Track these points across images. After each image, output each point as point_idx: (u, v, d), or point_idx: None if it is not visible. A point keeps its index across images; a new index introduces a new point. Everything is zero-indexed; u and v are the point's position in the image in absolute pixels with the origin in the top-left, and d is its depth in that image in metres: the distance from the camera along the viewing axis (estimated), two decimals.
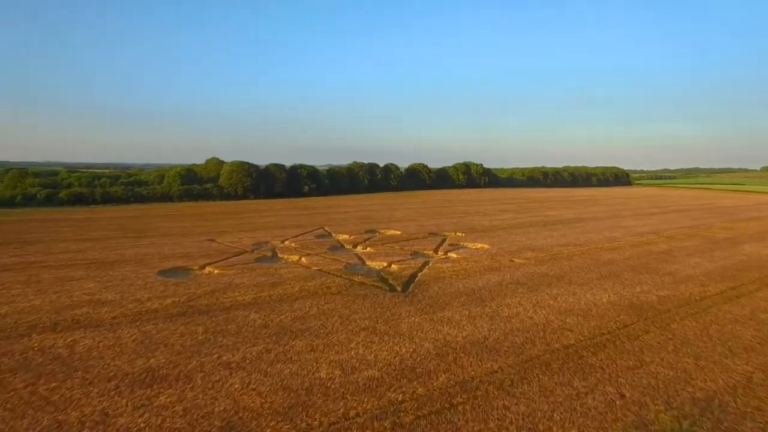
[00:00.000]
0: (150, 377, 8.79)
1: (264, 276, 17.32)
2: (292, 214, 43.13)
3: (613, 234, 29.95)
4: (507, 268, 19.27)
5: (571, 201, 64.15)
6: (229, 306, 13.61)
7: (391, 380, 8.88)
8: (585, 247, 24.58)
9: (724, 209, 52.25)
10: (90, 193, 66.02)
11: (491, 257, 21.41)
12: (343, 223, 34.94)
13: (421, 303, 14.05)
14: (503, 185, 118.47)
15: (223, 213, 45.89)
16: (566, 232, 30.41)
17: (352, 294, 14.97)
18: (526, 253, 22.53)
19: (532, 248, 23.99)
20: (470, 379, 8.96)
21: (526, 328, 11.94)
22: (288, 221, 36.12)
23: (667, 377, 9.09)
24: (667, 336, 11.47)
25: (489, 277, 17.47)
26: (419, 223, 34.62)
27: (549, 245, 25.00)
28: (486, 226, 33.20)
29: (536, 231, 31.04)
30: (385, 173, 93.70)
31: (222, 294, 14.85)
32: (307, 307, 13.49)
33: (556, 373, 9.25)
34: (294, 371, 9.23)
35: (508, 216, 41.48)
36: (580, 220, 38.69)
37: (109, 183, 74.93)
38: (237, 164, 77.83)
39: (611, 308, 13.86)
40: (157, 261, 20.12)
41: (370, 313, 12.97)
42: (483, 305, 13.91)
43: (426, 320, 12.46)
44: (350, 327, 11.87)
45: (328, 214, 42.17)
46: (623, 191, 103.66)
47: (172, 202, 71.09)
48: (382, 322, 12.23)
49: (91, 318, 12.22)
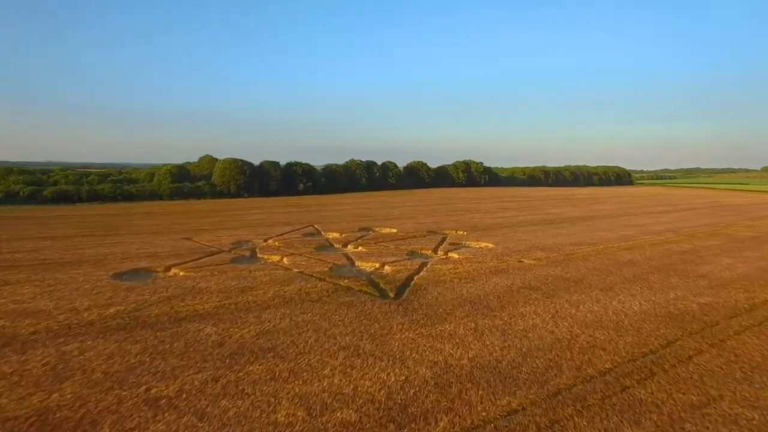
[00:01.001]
0: (37, 426, 6.36)
1: (235, 279, 14.90)
2: (282, 211, 40.71)
3: (627, 232, 27.56)
4: (516, 269, 16.86)
5: (575, 199, 61.81)
6: (183, 317, 11.18)
7: (373, 426, 6.47)
8: (599, 246, 22.18)
9: (736, 207, 49.89)
10: (75, 191, 63.50)
11: (497, 258, 19.00)
12: (336, 220, 32.52)
13: (416, 313, 11.64)
14: (504, 184, 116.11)
15: (211, 210, 43.44)
16: (576, 231, 28.02)
17: (334, 301, 12.55)
18: (535, 253, 20.13)
19: (542, 247, 21.59)
20: (481, 425, 6.56)
21: (547, 346, 9.53)
22: (276, 219, 33.69)
23: (753, 422, 6.69)
24: (727, 357, 9.07)
25: (496, 281, 15.06)
26: (417, 221, 32.22)
27: (560, 244, 22.60)
28: (488, 224, 30.80)
29: (543, 229, 28.65)
30: (383, 171, 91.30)
31: (179, 301, 12.42)
32: (277, 319, 11.07)
33: (596, 415, 6.85)
34: (242, 411, 6.82)
35: (511, 214, 39.10)
36: (588, 218, 36.30)
37: (97, 181, 72.34)
38: (230, 161, 75.36)
39: (646, 319, 11.47)
40: (118, 262, 17.68)
41: (354, 327, 10.55)
42: (492, 316, 11.50)
43: (422, 335, 10.05)
44: (327, 345, 9.46)
45: (320, 212, 39.75)
46: (626, 190, 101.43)
47: (162, 200, 68.60)
48: (367, 339, 9.81)
49: (1, 334, 9.78)
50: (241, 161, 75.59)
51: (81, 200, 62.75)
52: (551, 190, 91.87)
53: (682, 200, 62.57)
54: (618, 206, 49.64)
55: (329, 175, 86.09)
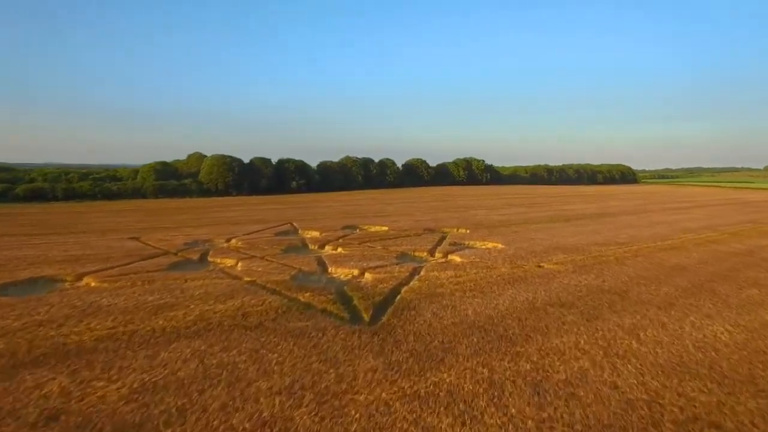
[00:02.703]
0: None
1: (157, 293, 10.91)
2: (264, 208, 36.74)
3: (658, 230, 23.55)
4: (536, 278, 12.86)
5: (585, 195, 57.74)
6: (35, 357, 7.21)
7: None
8: (632, 247, 18.18)
9: (757, 204, 45.77)
10: (51, 189, 59.62)
11: (510, 261, 15.01)
12: (320, 218, 28.53)
13: (398, 350, 7.65)
14: (506, 182, 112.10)
15: (188, 208, 39.52)
16: (597, 228, 24.01)
17: (280, 329, 8.57)
18: (556, 255, 16.16)
19: (563, 248, 17.60)
20: None
21: (616, 419, 5.54)
22: (253, 216, 29.71)
23: None
24: None
25: (513, 294, 11.06)
26: (414, 218, 28.22)
27: (583, 244, 18.60)
28: (495, 221, 26.79)
29: (559, 227, 24.64)
30: (380, 169, 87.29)
31: (56, 328, 8.45)
32: (180, 360, 7.10)
33: None
34: None
35: (519, 210, 35.07)
36: (606, 214, 32.25)
37: (78, 179, 68.37)
38: (218, 158, 71.43)
39: (750, 358, 7.49)
40: (21, 268, 13.72)
41: (297, 376, 6.58)
42: (513, 354, 7.52)
43: (403, 396, 6.07)
44: (238, 418, 5.48)
45: (307, 209, 35.77)
46: (636, 188, 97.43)
47: (145, 198, 64.65)
48: (311, 404, 5.83)
49: None
50: (230, 158, 71.66)
51: (56, 198, 58.87)
52: (557, 188, 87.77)
53: (699, 196, 58.47)
54: (633, 202, 45.58)
55: (324, 172, 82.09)
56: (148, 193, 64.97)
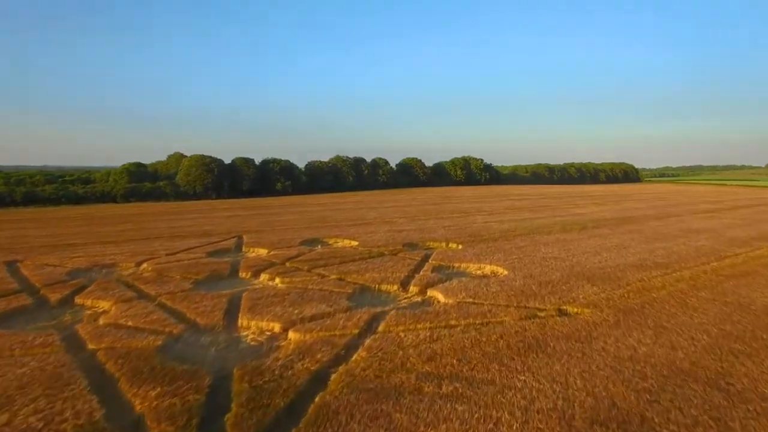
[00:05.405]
0: None
1: None
2: (222, 216, 31.68)
3: (700, 242, 18.59)
4: (561, 340, 7.91)
5: (594, 196, 52.74)
6: None
7: None
8: (682, 272, 13.25)
9: None
10: (9, 193, 54.66)
11: (516, 301, 10.05)
12: (281, 228, 23.54)
13: None
14: (506, 182, 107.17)
15: (138, 215, 34.53)
16: (623, 241, 19.03)
17: None
18: (582, 288, 11.23)
19: (589, 275, 12.65)
20: None
21: None
22: (200, 227, 24.67)
23: None
24: None
25: (526, 389, 6.11)
26: (394, 228, 23.24)
27: (614, 267, 13.67)
28: (494, 231, 21.80)
29: (575, 239, 19.66)
30: (372, 169, 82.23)
31: None
32: None
33: None
34: None
35: (523, 215, 30.08)
36: (626, 220, 27.24)
37: (44, 182, 63.37)
38: (196, 158, 66.45)
39: None
40: None
41: None
42: None
43: None
44: None
45: (274, 216, 30.78)
46: (643, 187, 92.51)
47: (116, 202, 59.70)
48: None
49: None
50: (209, 158, 66.66)
51: (15, 203, 53.92)
52: (561, 188, 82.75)
53: (722, 196, 53.53)
54: (651, 204, 40.60)
55: (312, 173, 77.05)
56: (118, 196, 60.01)
